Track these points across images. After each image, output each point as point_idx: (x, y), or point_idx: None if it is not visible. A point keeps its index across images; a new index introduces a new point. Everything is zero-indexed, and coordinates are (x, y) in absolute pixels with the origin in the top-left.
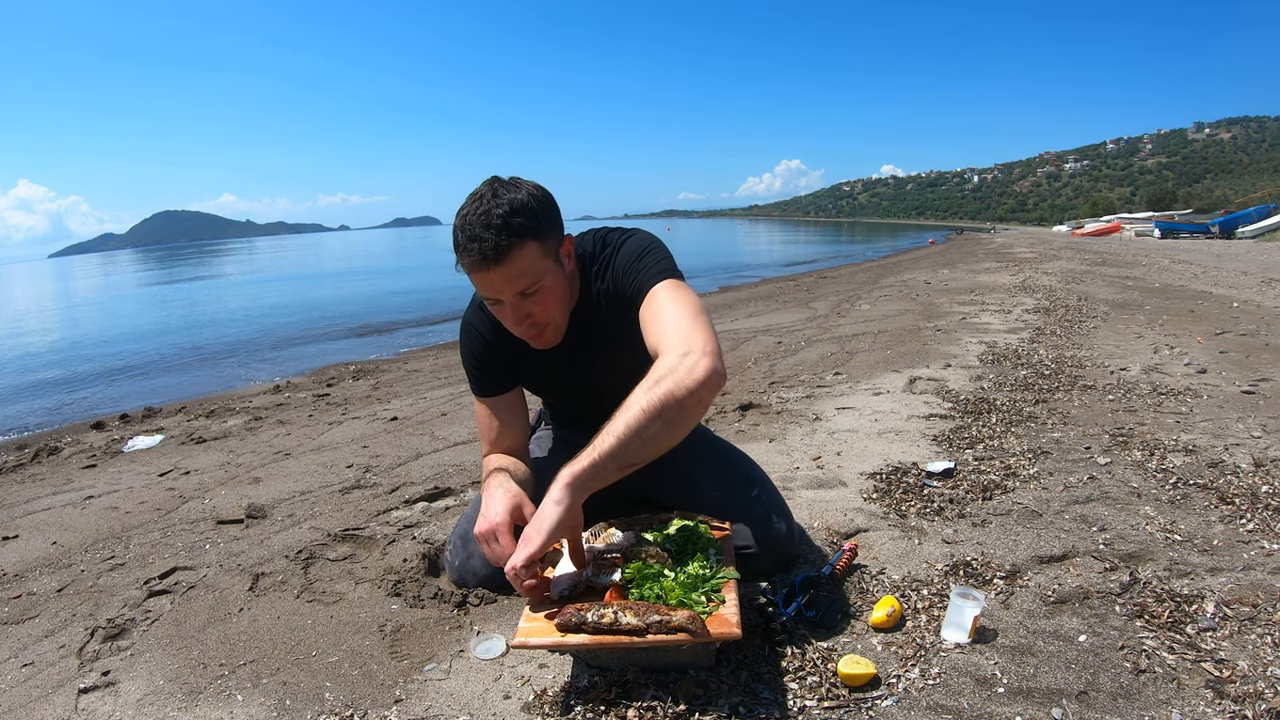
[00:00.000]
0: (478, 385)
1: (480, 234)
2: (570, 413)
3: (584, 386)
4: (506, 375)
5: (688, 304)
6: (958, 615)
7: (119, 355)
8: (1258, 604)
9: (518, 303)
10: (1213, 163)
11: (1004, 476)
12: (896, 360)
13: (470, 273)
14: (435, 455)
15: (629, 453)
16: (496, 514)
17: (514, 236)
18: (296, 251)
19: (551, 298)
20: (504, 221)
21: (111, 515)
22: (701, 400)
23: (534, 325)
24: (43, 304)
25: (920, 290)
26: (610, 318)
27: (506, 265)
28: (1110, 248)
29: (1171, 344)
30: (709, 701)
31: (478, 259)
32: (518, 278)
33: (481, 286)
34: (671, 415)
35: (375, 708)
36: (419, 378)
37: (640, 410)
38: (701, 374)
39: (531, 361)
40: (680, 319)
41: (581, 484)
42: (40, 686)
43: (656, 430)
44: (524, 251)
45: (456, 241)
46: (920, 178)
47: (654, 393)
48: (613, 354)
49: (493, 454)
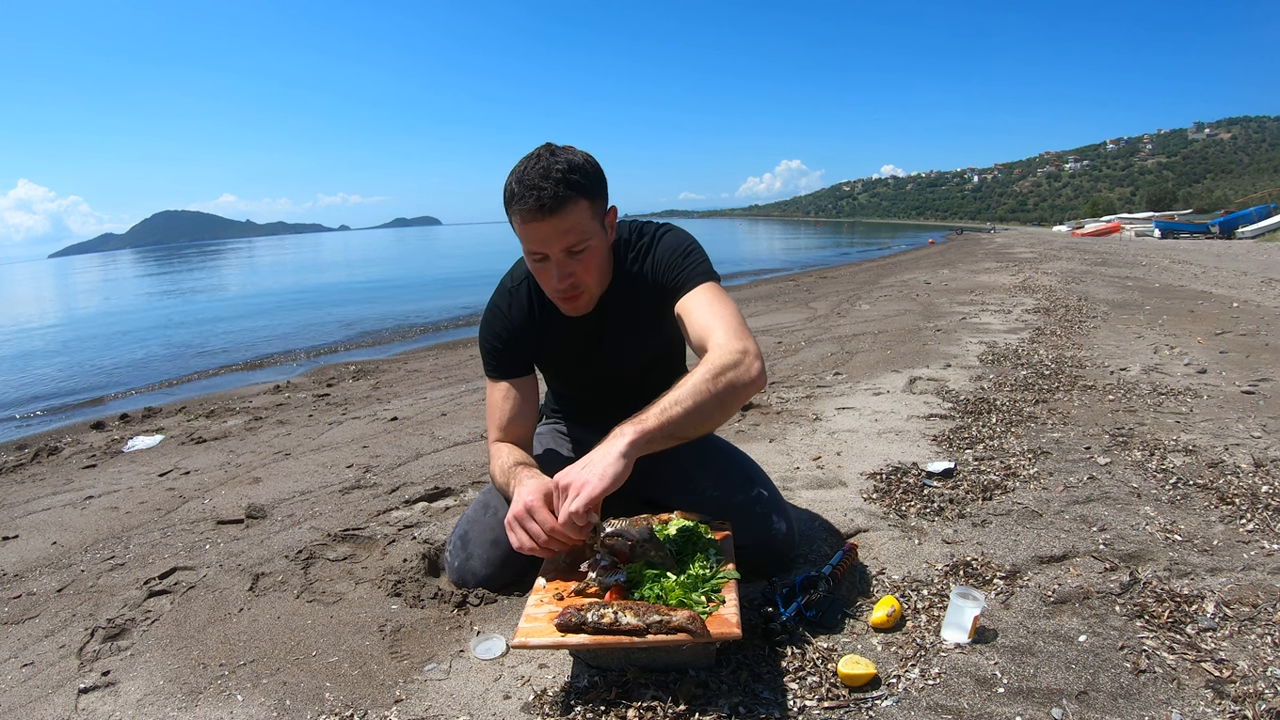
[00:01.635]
0: (497, 366)
1: (539, 184)
2: (585, 401)
3: (611, 371)
4: (526, 359)
5: (734, 308)
6: (958, 615)
7: (119, 355)
8: (1258, 604)
9: (563, 260)
10: (1213, 163)
11: (1004, 476)
12: (896, 360)
13: (524, 223)
14: (435, 455)
15: (686, 426)
16: (531, 494)
17: (570, 190)
18: (296, 252)
19: (594, 260)
20: (562, 176)
21: (111, 515)
22: (748, 397)
23: (574, 286)
24: (42, 304)
25: (920, 290)
26: (643, 303)
27: (560, 217)
28: (1110, 248)
29: (1171, 344)
30: (709, 701)
31: (534, 207)
32: (568, 232)
33: (532, 238)
34: (729, 403)
35: (375, 708)
36: (419, 378)
37: (707, 393)
38: (754, 374)
39: (561, 342)
40: (731, 321)
41: (644, 443)
42: (40, 686)
43: (712, 413)
44: (577, 208)
45: (511, 194)
46: (920, 178)
47: (719, 380)
48: (643, 338)
49: (503, 442)
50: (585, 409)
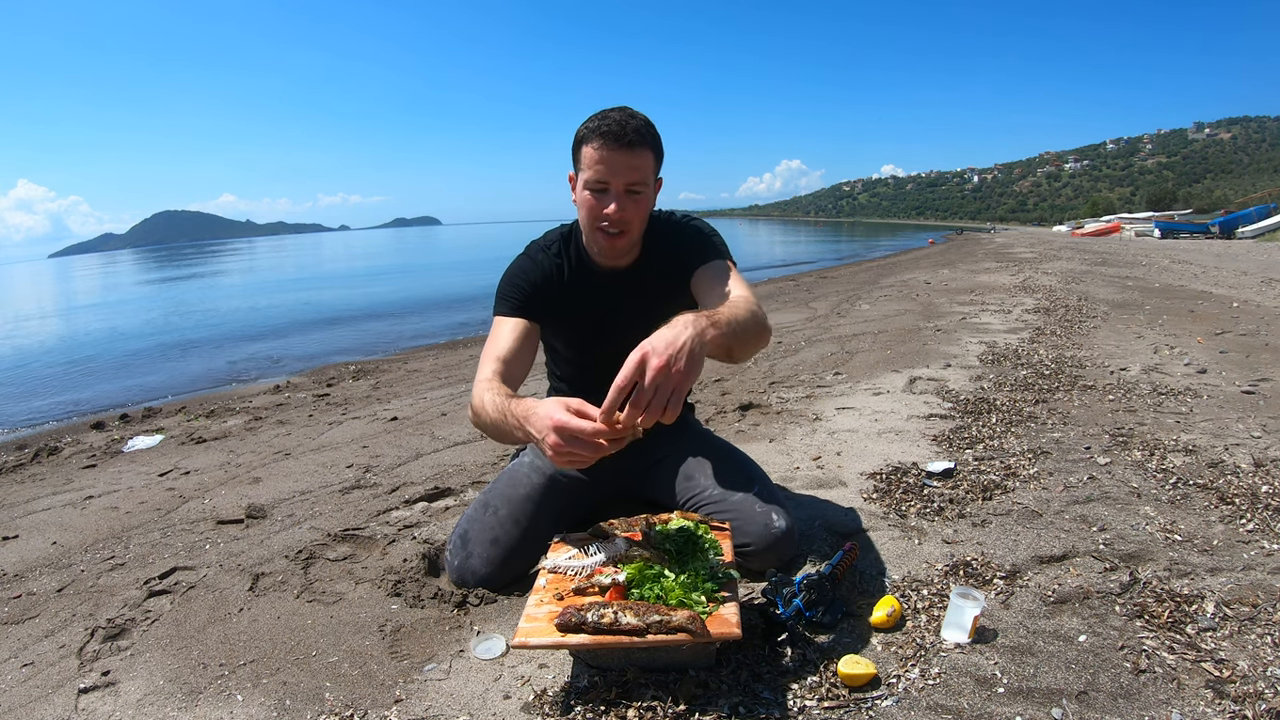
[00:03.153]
0: (514, 303)
1: (627, 120)
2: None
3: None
4: (542, 309)
5: (749, 286)
6: (958, 615)
7: (119, 356)
8: (1258, 604)
9: (622, 195)
10: (1213, 163)
11: (1004, 476)
12: (896, 360)
13: (603, 149)
14: (435, 455)
15: (735, 335)
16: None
17: (647, 139)
18: (296, 253)
19: (644, 208)
20: (644, 124)
21: (111, 515)
22: (766, 342)
23: (623, 223)
24: (42, 305)
25: (920, 290)
26: (666, 274)
27: (635, 154)
28: (1110, 248)
29: (1171, 344)
30: (709, 701)
31: (618, 134)
32: (637, 169)
33: (604, 166)
34: (760, 336)
35: (375, 708)
36: (419, 378)
37: (750, 314)
38: (769, 328)
39: (580, 305)
40: (749, 292)
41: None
42: (40, 686)
43: (750, 337)
44: (648, 155)
45: (594, 126)
46: (920, 178)
47: (756, 313)
48: (665, 290)
49: (497, 378)
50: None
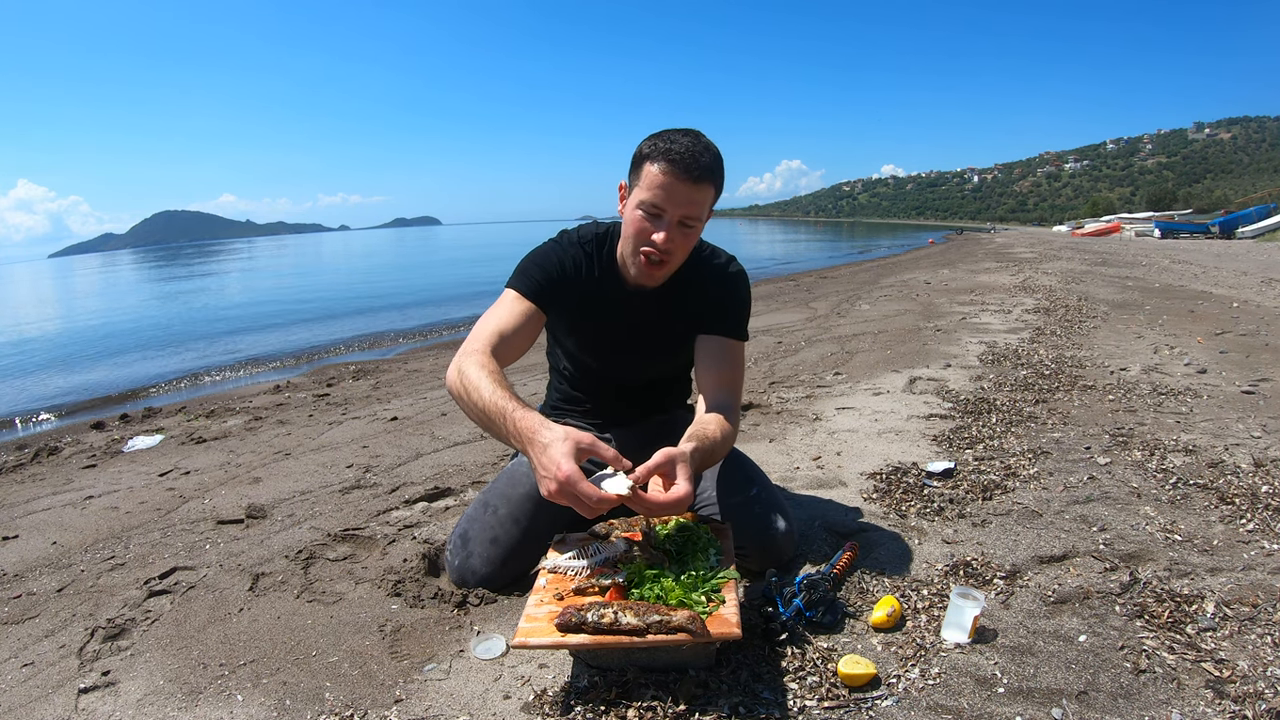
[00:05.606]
0: (531, 283)
1: (700, 152)
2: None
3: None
4: (556, 299)
5: (742, 371)
6: (958, 615)
7: (119, 355)
8: (1258, 604)
9: (674, 226)
10: (1213, 163)
11: (1004, 476)
12: (896, 360)
13: (668, 174)
14: (435, 455)
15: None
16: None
17: (715, 175)
18: (296, 254)
19: (692, 241)
20: (715, 159)
21: (111, 515)
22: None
23: (667, 251)
24: (42, 305)
25: (920, 290)
26: (684, 312)
27: (699, 188)
28: (1110, 248)
29: (1171, 344)
30: (709, 701)
31: (688, 164)
32: (695, 204)
33: (663, 192)
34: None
35: (375, 708)
36: (419, 378)
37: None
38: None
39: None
40: (739, 389)
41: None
42: (40, 686)
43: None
44: (709, 191)
45: (666, 148)
46: (920, 178)
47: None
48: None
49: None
50: (575, 404)
